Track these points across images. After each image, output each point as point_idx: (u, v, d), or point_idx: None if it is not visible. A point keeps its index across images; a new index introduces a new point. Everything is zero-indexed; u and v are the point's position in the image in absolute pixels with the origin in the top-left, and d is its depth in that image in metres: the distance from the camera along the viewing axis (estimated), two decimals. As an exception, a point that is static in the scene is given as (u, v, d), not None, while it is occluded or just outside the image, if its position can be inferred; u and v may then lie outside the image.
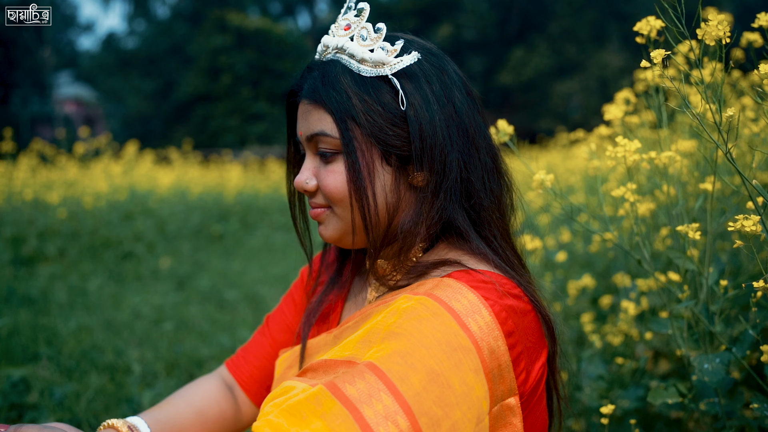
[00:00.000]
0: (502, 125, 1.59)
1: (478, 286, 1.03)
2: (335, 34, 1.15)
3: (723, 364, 1.43)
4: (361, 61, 1.10)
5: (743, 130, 1.98)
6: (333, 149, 1.11)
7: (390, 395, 0.89)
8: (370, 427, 0.86)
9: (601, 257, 2.97)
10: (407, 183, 1.14)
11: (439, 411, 0.90)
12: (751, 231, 1.13)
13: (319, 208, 1.17)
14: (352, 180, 1.09)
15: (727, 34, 1.17)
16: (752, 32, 1.72)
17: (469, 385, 0.94)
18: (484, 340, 0.98)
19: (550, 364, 1.18)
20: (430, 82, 1.11)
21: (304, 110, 1.14)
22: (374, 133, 1.09)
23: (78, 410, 2.76)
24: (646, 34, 1.42)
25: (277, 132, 27.29)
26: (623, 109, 1.88)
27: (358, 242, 1.18)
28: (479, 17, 32.77)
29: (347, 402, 0.89)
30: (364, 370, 0.93)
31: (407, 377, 0.91)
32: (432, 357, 0.93)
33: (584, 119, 24.30)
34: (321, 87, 1.11)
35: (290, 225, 5.39)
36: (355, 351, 1.01)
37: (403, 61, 1.09)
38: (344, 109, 1.08)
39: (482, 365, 0.97)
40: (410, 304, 1.01)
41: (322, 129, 1.10)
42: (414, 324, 0.97)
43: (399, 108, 1.09)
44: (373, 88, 1.09)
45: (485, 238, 1.16)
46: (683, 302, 1.48)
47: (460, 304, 1.00)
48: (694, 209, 1.70)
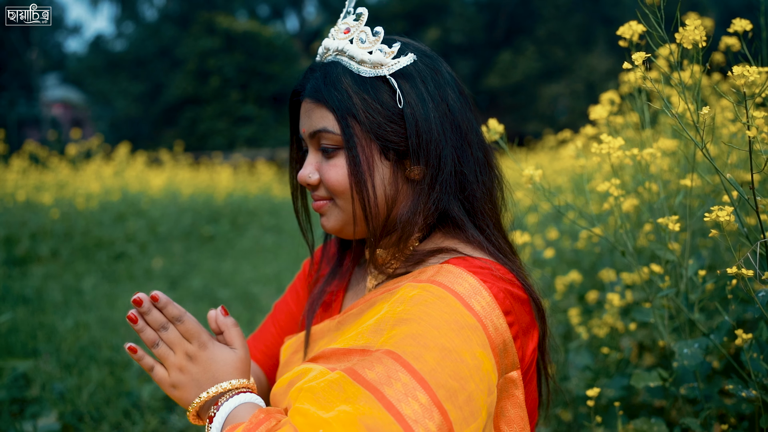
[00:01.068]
0: (492, 124, 1.67)
1: (476, 271, 1.11)
2: (335, 37, 1.23)
3: (701, 349, 1.51)
4: (360, 63, 1.18)
5: (722, 130, 2.07)
6: (334, 145, 1.19)
7: (407, 374, 0.96)
8: (392, 404, 0.93)
9: (587, 254, 3.05)
10: (404, 176, 1.22)
11: (455, 383, 0.97)
12: (725, 221, 1.21)
13: (321, 200, 1.24)
14: (353, 173, 1.17)
15: (704, 38, 1.25)
16: (730, 37, 1.81)
17: (479, 359, 1.01)
18: (488, 318, 1.06)
19: (540, 345, 1.26)
20: (425, 82, 1.20)
21: (307, 108, 1.22)
22: (373, 129, 1.17)
23: (80, 403, 2.83)
24: (628, 38, 1.51)
25: (265, 134, 27.26)
26: (608, 110, 1.96)
27: (359, 232, 1.25)
28: (467, 20, 32.81)
29: (369, 385, 0.96)
30: (381, 356, 1.00)
31: (421, 356, 0.98)
32: (442, 336, 1.00)
33: (571, 122, 24.35)
34: (323, 87, 1.19)
35: (280, 226, 5.48)
36: (369, 340, 1.08)
37: (400, 63, 1.17)
38: (345, 107, 1.16)
39: (489, 341, 1.05)
40: (416, 292, 1.08)
41: (324, 126, 1.18)
42: (422, 308, 1.04)
43: (396, 106, 1.17)
44: (372, 88, 1.17)
45: (479, 227, 1.24)
46: (664, 291, 1.57)
47: (462, 287, 1.08)
48: (675, 204, 1.79)
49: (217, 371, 1.14)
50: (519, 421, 1.14)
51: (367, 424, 0.90)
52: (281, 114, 28.42)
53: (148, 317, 1.14)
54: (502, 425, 1.12)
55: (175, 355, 1.14)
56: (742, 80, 1.17)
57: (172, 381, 1.14)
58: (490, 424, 1.05)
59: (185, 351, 1.14)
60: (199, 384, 1.13)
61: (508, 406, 1.12)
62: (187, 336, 1.15)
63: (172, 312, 1.15)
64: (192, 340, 1.15)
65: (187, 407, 1.14)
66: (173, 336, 1.15)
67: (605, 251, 2.79)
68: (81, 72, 34.30)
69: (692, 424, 1.53)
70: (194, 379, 1.13)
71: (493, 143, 1.65)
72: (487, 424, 1.02)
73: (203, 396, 1.12)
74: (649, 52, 1.30)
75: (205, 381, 1.13)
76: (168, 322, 1.15)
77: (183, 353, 1.14)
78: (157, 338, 1.15)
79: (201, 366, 1.14)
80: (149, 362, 1.16)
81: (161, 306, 1.14)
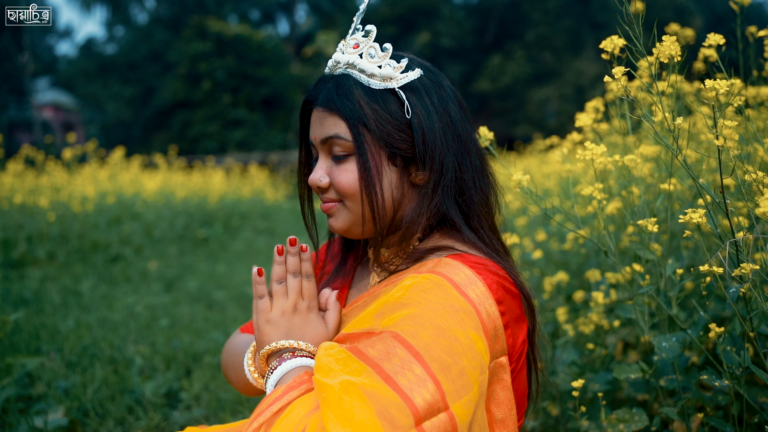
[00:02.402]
0: (483, 131, 1.77)
1: (472, 265, 1.23)
2: (344, 51, 1.34)
3: (678, 342, 1.62)
4: (371, 76, 1.30)
5: (701, 137, 2.17)
6: (345, 151, 1.30)
7: (404, 349, 1.06)
8: (390, 377, 1.03)
9: (575, 256, 3.15)
10: (410, 181, 1.34)
11: (448, 358, 1.07)
12: (698, 222, 1.31)
13: (330, 202, 1.35)
14: (363, 177, 1.28)
15: (678, 53, 1.36)
16: (708, 48, 1.92)
17: (472, 339, 1.12)
18: (481, 305, 1.17)
19: (530, 338, 1.37)
20: (429, 95, 1.32)
21: (319, 117, 1.33)
22: (383, 137, 1.28)
23: (85, 399, 2.92)
24: (610, 51, 1.61)
25: (256, 138, 27.21)
26: (592, 117, 2.07)
27: (366, 232, 1.36)
28: (457, 25, 32.85)
29: (370, 361, 1.06)
30: (382, 336, 1.11)
31: (417, 334, 1.08)
32: (438, 317, 1.11)
33: (560, 126, 24.43)
34: (336, 97, 1.29)
35: (272, 229, 5.59)
36: (372, 323, 1.18)
37: (408, 77, 1.30)
38: (357, 116, 1.27)
39: (482, 325, 1.16)
40: (416, 281, 1.20)
41: (336, 132, 1.29)
42: (420, 294, 1.16)
43: (404, 116, 1.29)
44: (381, 99, 1.29)
45: (474, 229, 1.37)
46: (644, 288, 1.67)
47: (459, 276, 1.19)
48: (656, 207, 1.90)
49: (306, 333, 1.28)
50: (507, 403, 1.24)
51: (366, 391, 1.00)
52: (272, 118, 28.42)
53: (290, 258, 1.32)
54: (492, 407, 1.23)
55: (286, 300, 1.30)
56: (712, 93, 1.29)
57: (270, 316, 1.29)
58: (482, 404, 1.15)
59: (295, 302, 1.30)
60: (287, 333, 1.28)
61: (498, 389, 1.23)
62: (304, 293, 1.32)
63: (306, 267, 1.33)
64: (306, 298, 1.31)
65: (264, 345, 1.28)
66: (295, 285, 1.32)
67: (591, 253, 2.89)
68: (72, 75, 34.13)
69: (670, 412, 1.63)
70: (287, 326, 1.28)
71: (484, 148, 1.75)
72: (479, 404, 1.12)
73: (283, 343, 1.26)
74: (632, 62, 1.41)
75: (293, 333, 1.28)
76: (298, 272, 1.32)
77: (293, 302, 1.30)
78: (284, 277, 1.32)
79: (298, 321, 1.29)
80: (263, 290, 1.32)
81: (303, 258, 1.32)
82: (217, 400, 3.08)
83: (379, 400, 0.99)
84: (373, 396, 1.00)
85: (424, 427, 0.99)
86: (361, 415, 0.97)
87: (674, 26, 2.26)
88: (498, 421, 1.24)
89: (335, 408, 0.99)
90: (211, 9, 33.21)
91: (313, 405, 1.06)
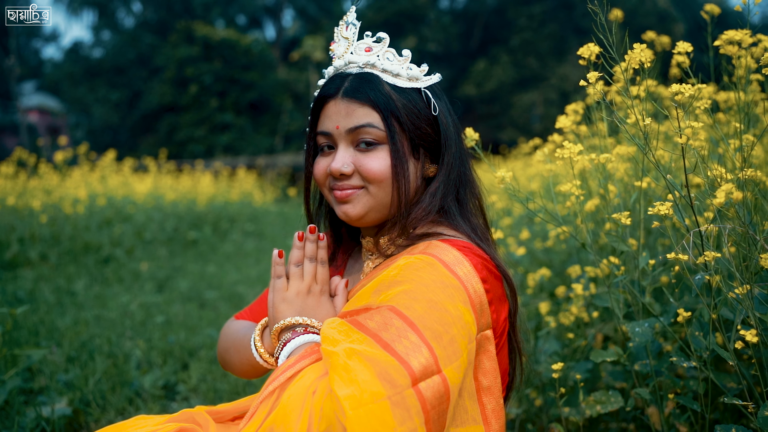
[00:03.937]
0: (469, 132, 1.89)
1: (460, 248, 1.37)
2: (356, 52, 1.48)
3: (650, 328, 1.75)
4: (396, 76, 1.46)
5: (676, 138, 2.30)
6: (376, 139, 1.42)
7: (400, 320, 1.19)
8: (388, 344, 1.16)
9: (558, 254, 3.28)
10: (423, 173, 1.50)
11: (440, 328, 1.20)
12: (665, 213, 1.45)
13: (351, 189, 1.45)
14: (395, 164, 1.41)
15: (649, 59, 1.50)
16: (680, 55, 2.04)
17: (460, 311, 1.25)
18: (468, 282, 1.31)
19: (511, 320, 1.51)
20: (441, 98, 1.50)
21: (345, 107, 1.43)
22: (410, 129, 1.44)
23: (86, 391, 3.02)
24: (587, 57, 1.72)
25: (243, 142, 27.24)
26: (572, 119, 2.19)
27: (381, 218, 1.48)
28: (443, 30, 33.06)
29: (369, 332, 1.20)
30: (379, 309, 1.24)
31: (412, 306, 1.22)
32: (430, 291, 1.25)
33: (545, 130, 24.35)
34: (368, 89, 1.43)
35: (261, 232, 5.82)
36: (370, 300, 1.30)
37: (432, 79, 1.50)
38: (390, 108, 1.41)
39: (469, 300, 1.29)
40: (409, 261, 1.33)
41: (369, 122, 1.41)
42: (413, 272, 1.29)
43: (430, 113, 1.46)
44: (410, 96, 1.45)
45: (465, 218, 1.52)
46: (618, 278, 1.80)
47: (447, 257, 1.33)
48: (631, 204, 2.03)
49: (317, 313, 1.42)
50: (493, 372, 1.38)
51: (367, 356, 1.14)
52: (259, 122, 28.48)
53: (308, 244, 1.46)
54: (480, 376, 1.36)
55: (302, 282, 1.44)
56: (678, 96, 1.42)
57: (286, 295, 1.43)
58: (470, 372, 1.28)
59: (309, 285, 1.44)
60: (301, 311, 1.41)
61: (484, 359, 1.36)
62: (318, 277, 1.45)
63: (322, 254, 1.47)
64: (319, 282, 1.45)
65: (279, 320, 1.41)
66: (311, 269, 1.46)
67: (573, 251, 3.02)
68: (58, 79, 33.97)
69: (643, 393, 1.75)
70: (301, 306, 1.42)
71: (470, 149, 1.87)
72: (468, 372, 1.26)
73: (297, 319, 1.39)
74: (613, 64, 1.55)
75: (306, 312, 1.41)
76: (314, 258, 1.46)
77: (308, 285, 1.44)
78: (302, 261, 1.46)
79: (311, 302, 1.43)
80: (282, 270, 1.46)
81: (320, 246, 1.47)
82: (214, 390, 3.19)
83: (379, 364, 1.12)
84: (374, 360, 1.13)
85: (420, 387, 1.12)
86: (363, 376, 1.10)
87: (651, 34, 2.40)
88: (485, 389, 1.37)
89: (340, 371, 1.11)
90: (198, 13, 33.23)
91: (323, 371, 1.19)
